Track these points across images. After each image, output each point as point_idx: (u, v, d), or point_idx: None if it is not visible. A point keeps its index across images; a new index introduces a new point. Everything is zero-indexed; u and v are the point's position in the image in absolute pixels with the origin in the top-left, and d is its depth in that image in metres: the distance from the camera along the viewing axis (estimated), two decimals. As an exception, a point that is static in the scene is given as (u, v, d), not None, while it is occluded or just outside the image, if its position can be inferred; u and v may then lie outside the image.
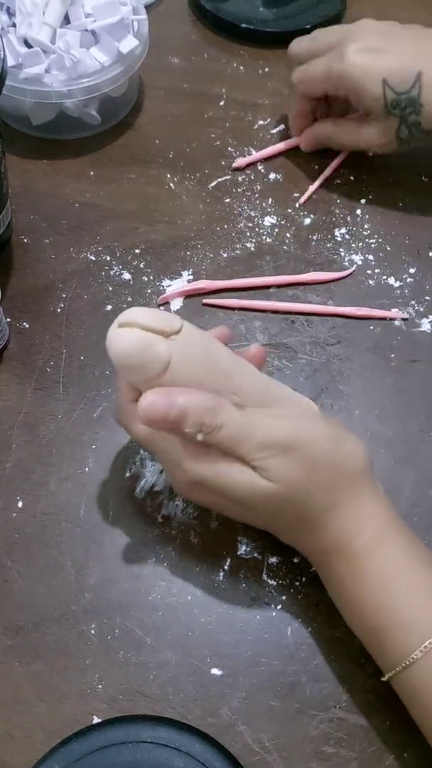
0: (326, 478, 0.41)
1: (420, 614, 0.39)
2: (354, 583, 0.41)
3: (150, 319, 0.40)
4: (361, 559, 0.41)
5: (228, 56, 0.74)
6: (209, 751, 0.40)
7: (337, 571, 0.42)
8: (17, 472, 0.50)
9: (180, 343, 0.41)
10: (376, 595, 0.40)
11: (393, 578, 0.40)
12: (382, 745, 0.42)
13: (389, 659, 0.40)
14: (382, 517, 0.42)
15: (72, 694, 0.44)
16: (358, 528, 0.41)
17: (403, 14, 0.77)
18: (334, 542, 0.42)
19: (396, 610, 0.39)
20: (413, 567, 0.41)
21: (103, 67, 0.62)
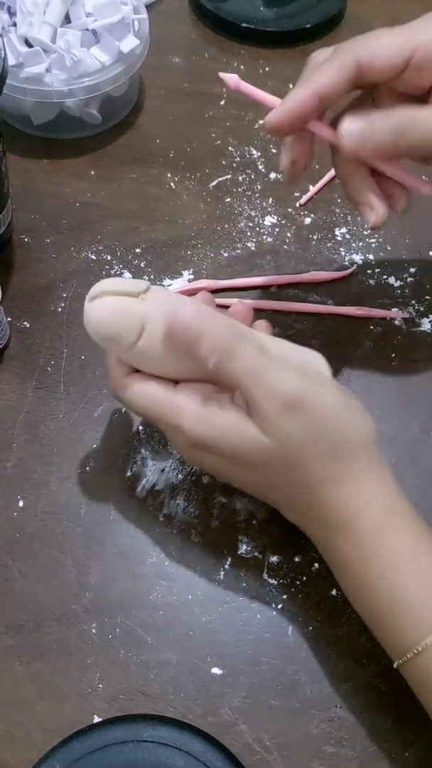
0: (329, 446, 0.40)
1: (428, 603, 0.38)
2: (361, 564, 0.39)
3: (117, 284, 0.42)
4: (368, 538, 0.39)
5: (228, 56, 0.74)
6: (210, 750, 0.40)
7: (343, 550, 0.40)
8: (18, 471, 0.51)
9: (151, 301, 0.42)
10: (385, 577, 0.39)
11: (403, 560, 0.39)
12: (383, 745, 0.42)
13: (400, 645, 0.38)
14: (389, 495, 0.40)
15: (73, 693, 0.44)
16: (364, 505, 0.40)
17: (403, 12, 0.78)
18: (338, 519, 0.40)
19: (407, 593, 0.38)
20: (422, 548, 0.39)
21: (104, 67, 0.62)
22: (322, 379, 0.42)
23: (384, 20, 0.77)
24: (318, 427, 0.39)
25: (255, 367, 0.39)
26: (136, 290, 0.42)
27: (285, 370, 0.39)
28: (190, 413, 0.40)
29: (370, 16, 0.77)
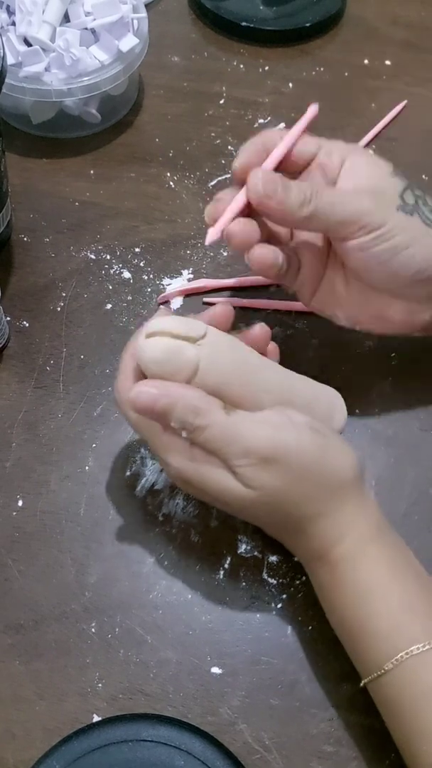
0: (308, 489, 0.41)
1: (395, 625, 0.39)
2: (333, 590, 0.41)
3: (176, 326, 0.42)
4: (339, 566, 0.41)
5: (228, 55, 0.73)
6: (209, 749, 0.40)
7: (318, 576, 0.42)
8: (17, 470, 0.51)
9: (206, 347, 0.42)
10: (353, 603, 0.40)
11: (371, 588, 0.40)
12: (382, 744, 0.42)
13: (364, 667, 0.40)
14: (365, 526, 0.42)
15: (72, 692, 0.44)
16: (339, 536, 0.41)
17: (402, 11, 0.78)
18: (316, 549, 0.42)
19: (372, 619, 0.39)
20: (394, 578, 0.40)
21: (103, 66, 0.62)
22: (296, 426, 0.41)
23: (384, 19, 0.77)
24: (296, 475, 0.40)
25: (224, 434, 0.40)
26: (193, 335, 0.42)
27: (254, 429, 0.40)
28: (177, 452, 0.41)
29: (370, 15, 0.77)
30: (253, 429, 0.40)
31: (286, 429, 0.41)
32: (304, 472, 0.40)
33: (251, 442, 0.40)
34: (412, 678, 0.38)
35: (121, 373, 0.44)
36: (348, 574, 0.41)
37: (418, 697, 0.38)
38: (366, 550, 0.41)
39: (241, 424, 0.40)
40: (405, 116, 0.70)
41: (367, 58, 0.74)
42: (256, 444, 0.40)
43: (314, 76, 0.72)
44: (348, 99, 0.71)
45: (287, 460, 0.40)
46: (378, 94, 0.71)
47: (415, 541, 0.48)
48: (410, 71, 0.73)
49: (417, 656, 0.38)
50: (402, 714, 0.38)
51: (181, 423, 0.40)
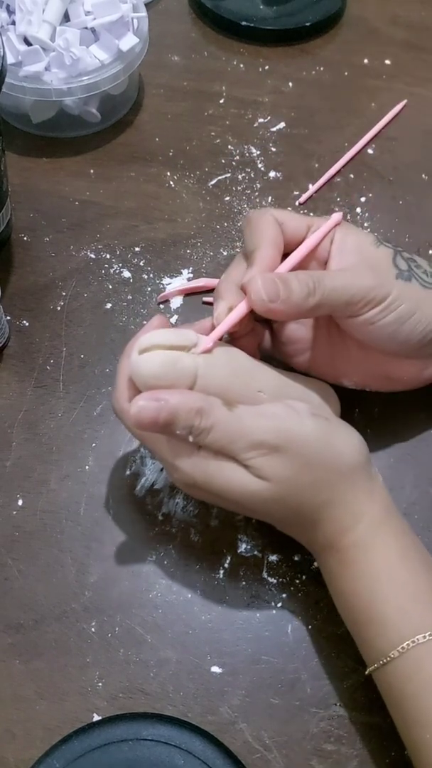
0: (318, 476, 0.41)
1: (402, 613, 0.39)
2: (343, 577, 0.41)
3: (168, 337, 0.42)
4: (350, 553, 0.41)
5: (228, 54, 0.73)
6: (209, 748, 0.40)
7: (329, 564, 0.42)
8: (17, 470, 0.51)
9: (201, 354, 0.42)
10: (362, 590, 0.40)
11: (380, 575, 0.40)
12: (383, 743, 0.42)
13: (370, 655, 0.40)
14: (376, 512, 0.42)
15: (72, 691, 0.44)
16: (351, 522, 0.41)
17: (402, 10, 0.78)
18: (326, 537, 0.42)
19: (380, 607, 0.40)
20: (403, 565, 0.41)
21: (103, 65, 0.62)
22: (297, 413, 0.42)
23: (384, 19, 0.77)
24: (303, 462, 0.40)
25: (229, 431, 0.40)
26: (186, 344, 0.42)
27: (258, 420, 0.40)
28: (185, 457, 0.41)
29: (370, 15, 0.77)
30: (257, 421, 0.40)
31: (288, 417, 0.41)
32: (312, 457, 0.41)
33: (257, 434, 0.40)
34: (417, 667, 0.38)
35: (119, 380, 0.44)
36: (359, 560, 0.41)
37: (423, 686, 0.38)
38: (377, 536, 0.41)
39: (244, 418, 0.40)
40: (405, 116, 0.70)
41: (367, 57, 0.74)
42: (263, 435, 0.40)
43: (314, 76, 0.72)
44: (348, 99, 0.71)
45: (295, 446, 0.40)
46: (378, 93, 0.71)
47: (415, 541, 0.48)
48: (410, 71, 0.73)
49: (423, 645, 0.38)
50: (406, 702, 0.38)
51: (187, 428, 0.39)
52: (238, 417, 0.40)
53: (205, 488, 0.41)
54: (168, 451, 0.41)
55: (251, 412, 0.41)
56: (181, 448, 0.41)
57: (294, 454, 0.40)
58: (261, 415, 0.41)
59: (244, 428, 0.40)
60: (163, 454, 0.42)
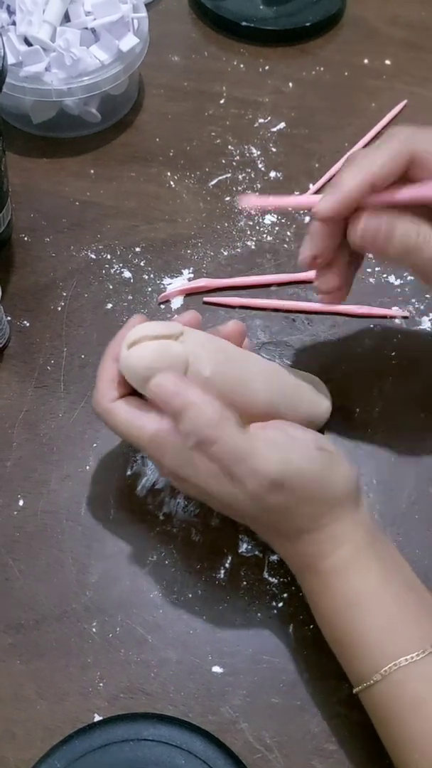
0: (310, 508, 0.41)
1: (384, 636, 0.39)
2: (324, 599, 0.41)
3: (154, 328, 0.42)
4: (330, 578, 0.41)
5: (228, 54, 0.73)
6: (210, 748, 0.40)
7: (309, 584, 0.42)
8: (18, 470, 0.51)
9: (189, 343, 0.42)
10: (342, 614, 0.40)
11: (360, 599, 0.40)
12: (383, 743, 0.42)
13: (354, 676, 0.40)
14: (359, 537, 0.41)
15: (73, 692, 0.44)
16: (332, 549, 0.41)
17: (403, 11, 0.78)
18: (308, 559, 0.42)
19: (362, 629, 0.39)
20: (385, 588, 0.40)
21: (104, 66, 0.62)
22: (305, 446, 0.41)
23: (384, 19, 0.77)
24: (299, 497, 0.40)
25: (234, 451, 0.39)
26: (173, 332, 0.42)
27: (265, 451, 0.40)
28: (173, 454, 0.40)
29: (370, 15, 0.77)
30: (264, 450, 0.40)
31: (295, 451, 0.40)
32: (309, 494, 0.40)
33: (261, 464, 0.39)
34: (401, 689, 0.38)
35: (101, 379, 0.43)
36: (339, 584, 0.41)
37: (407, 707, 0.38)
38: (358, 561, 0.41)
39: (251, 442, 0.40)
40: (405, 116, 0.70)
41: (367, 57, 0.74)
42: (266, 467, 0.39)
43: (314, 76, 0.72)
44: (348, 99, 0.71)
45: (295, 484, 0.40)
46: (378, 93, 0.71)
47: (415, 541, 0.49)
48: (410, 71, 0.73)
49: (405, 667, 0.38)
50: (391, 723, 0.38)
51: (191, 429, 0.39)
52: (246, 440, 0.40)
53: (192, 480, 0.41)
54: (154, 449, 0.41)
55: (260, 438, 0.40)
56: (169, 445, 0.40)
57: (291, 491, 0.40)
58: (269, 443, 0.40)
59: (249, 454, 0.39)
60: (148, 452, 0.42)
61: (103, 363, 0.44)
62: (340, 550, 0.41)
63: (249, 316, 0.57)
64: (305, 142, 0.67)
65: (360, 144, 0.67)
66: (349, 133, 0.68)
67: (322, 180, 0.64)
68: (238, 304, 0.58)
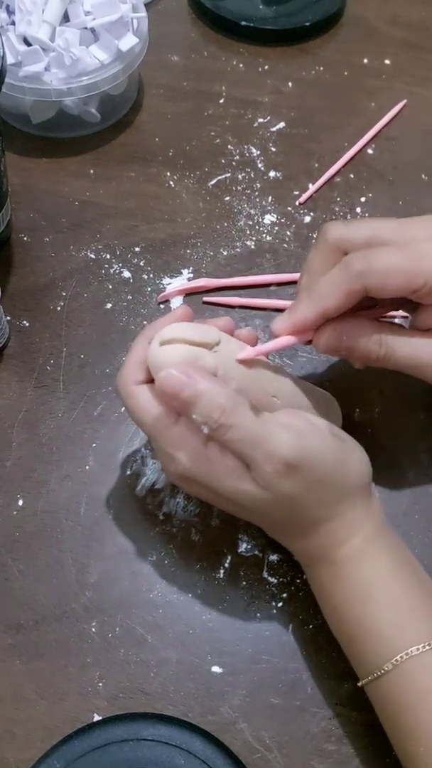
0: (324, 494, 0.41)
1: (395, 625, 0.39)
2: (334, 590, 0.41)
3: (191, 333, 0.41)
4: (342, 567, 0.41)
5: (228, 54, 0.73)
6: (210, 748, 0.40)
7: (320, 576, 0.42)
8: (18, 470, 0.50)
9: (222, 354, 0.41)
10: (355, 602, 0.40)
11: (372, 588, 0.40)
12: (383, 743, 0.42)
13: (362, 668, 0.40)
14: (371, 527, 0.41)
15: (73, 692, 0.44)
16: (346, 537, 0.41)
17: (403, 10, 0.78)
18: (320, 549, 0.42)
19: (373, 619, 0.39)
20: (396, 578, 0.40)
21: (103, 65, 0.62)
22: (320, 431, 0.41)
23: (384, 19, 0.77)
24: (315, 483, 0.40)
25: (250, 436, 0.39)
26: (209, 341, 0.41)
27: (281, 434, 0.39)
28: (187, 448, 0.40)
29: (370, 15, 0.77)
30: (280, 433, 0.39)
31: (310, 435, 0.40)
32: (324, 479, 0.40)
33: (277, 447, 0.39)
34: (411, 679, 0.38)
35: (130, 360, 0.43)
36: (351, 574, 0.41)
37: (416, 698, 0.38)
38: (370, 550, 0.41)
39: (267, 426, 0.39)
40: (405, 116, 0.70)
41: (367, 57, 0.74)
42: (282, 450, 0.39)
43: (314, 76, 0.72)
44: (348, 98, 0.71)
45: (311, 466, 0.40)
46: (378, 93, 0.71)
47: (415, 541, 0.49)
48: (410, 71, 0.73)
49: (416, 657, 0.38)
50: (399, 715, 0.38)
51: (205, 417, 0.38)
52: (260, 424, 0.39)
53: (205, 481, 0.40)
54: (169, 441, 0.40)
55: (275, 421, 0.40)
56: (186, 439, 0.40)
57: (307, 474, 0.40)
58: (284, 426, 0.40)
59: (265, 437, 0.39)
60: (163, 443, 0.41)
61: (135, 344, 0.43)
62: (354, 539, 0.41)
63: (249, 316, 0.57)
64: (305, 142, 0.67)
65: (360, 144, 0.67)
66: (349, 132, 0.68)
67: (321, 180, 0.64)
68: (237, 304, 0.58)
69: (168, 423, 0.40)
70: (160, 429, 0.41)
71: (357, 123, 0.68)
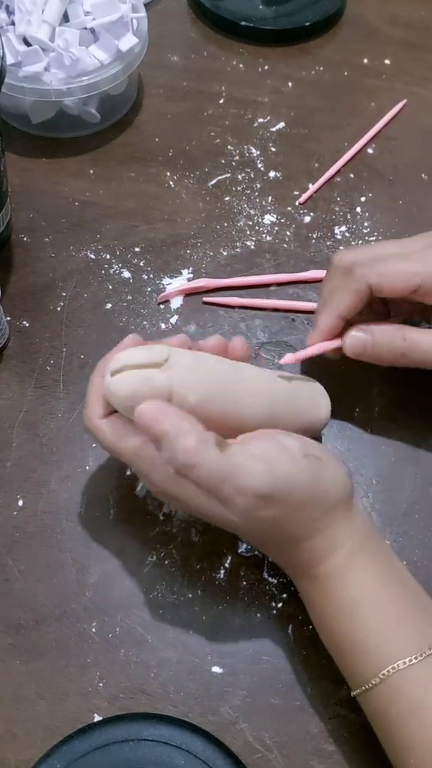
0: (303, 515, 0.40)
1: (382, 639, 0.39)
2: (321, 603, 0.41)
3: (137, 356, 0.41)
4: (327, 581, 0.41)
5: (227, 54, 0.73)
6: (210, 749, 0.40)
7: (306, 589, 0.42)
8: (18, 470, 0.51)
9: (174, 368, 0.41)
10: (340, 616, 0.40)
11: (358, 601, 0.40)
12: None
13: (352, 680, 0.40)
14: (355, 540, 0.41)
15: (73, 692, 0.44)
16: (329, 552, 0.41)
17: (403, 10, 0.78)
18: (303, 564, 0.42)
19: (360, 633, 0.39)
20: (382, 590, 0.40)
21: (103, 66, 0.62)
22: (291, 456, 0.41)
23: (384, 19, 0.77)
24: (291, 506, 0.40)
25: (215, 472, 0.39)
26: (157, 360, 0.41)
27: (251, 466, 0.39)
28: (161, 472, 0.40)
29: (370, 15, 0.77)
30: (248, 466, 0.39)
31: (281, 462, 0.40)
32: (301, 501, 0.40)
33: (246, 480, 0.39)
34: (398, 692, 0.38)
35: (90, 396, 0.43)
36: (335, 589, 0.40)
37: (405, 711, 0.38)
38: (353, 563, 0.41)
39: (234, 460, 0.39)
40: (404, 115, 0.70)
41: (367, 57, 0.74)
42: (252, 482, 0.39)
43: (314, 76, 0.72)
44: (348, 98, 0.71)
45: (285, 495, 0.39)
46: (378, 93, 0.71)
47: (415, 541, 0.49)
48: (410, 71, 0.73)
49: (403, 671, 0.38)
50: (389, 727, 0.38)
51: (169, 459, 0.39)
52: (227, 459, 0.39)
53: (184, 499, 0.40)
54: (142, 467, 0.41)
55: (242, 454, 0.39)
56: (158, 463, 0.40)
57: (283, 500, 0.39)
58: (252, 458, 0.39)
59: (232, 473, 0.39)
60: (136, 468, 0.42)
61: (93, 380, 0.44)
62: (336, 554, 0.41)
63: (249, 316, 0.57)
64: (305, 142, 0.67)
65: (360, 144, 0.67)
66: (349, 132, 0.68)
67: (321, 180, 0.64)
68: (237, 304, 0.58)
69: (137, 450, 0.41)
70: (130, 456, 0.41)
71: (357, 123, 0.68)
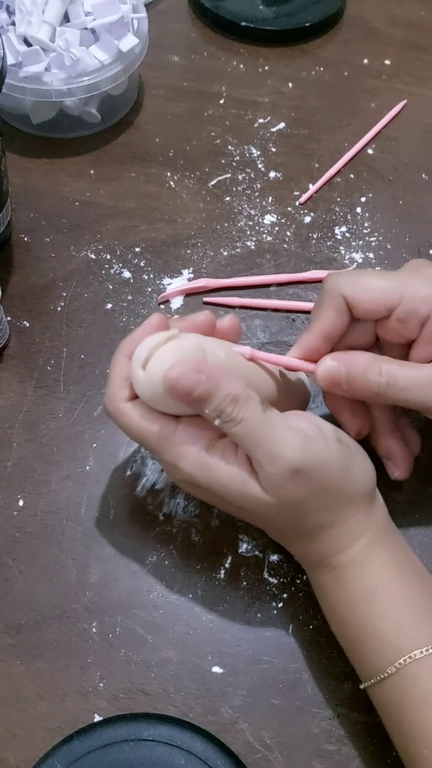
0: (327, 501, 0.40)
1: (398, 629, 0.39)
2: (336, 594, 0.41)
3: (157, 337, 0.41)
4: (345, 571, 0.41)
5: (228, 54, 0.73)
6: (210, 749, 0.40)
7: (323, 580, 0.42)
8: (18, 470, 0.51)
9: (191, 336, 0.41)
10: (358, 606, 0.40)
11: (376, 591, 0.40)
12: (383, 743, 0.42)
13: (365, 671, 0.40)
14: (374, 531, 0.41)
15: (73, 692, 0.44)
16: (348, 543, 0.41)
17: (403, 10, 0.78)
18: (321, 554, 0.42)
19: (376, 623, 0.39)
20: (399, 580, 0.40)
21: (103, 66, 0.62)
22: (325, 437, 0.41)
23: (383, 19, 0.77)
24: (319, 489, 0.40)
25: (258, 432, 0.38)
26: (175, 334, 0.41)
27: (288, 437, 0.39)
28: (190, 458, 0.40)
29: (370, 15, 0.77)
30: (286, 435, 0.39)
31: (317, 441, 0.40)
32: (328, 485, 0.40)
33: (282, 449, 0.39)
34: (414, 682, 0.38)
35: (114, 378, 0.42)
36: (354, 578, 0.40)
37: (420, 701, 0.38)
38: (373, 553, 0.41)
39: (274, 425, 0.39)
40: (405, 115, 0.70)
41: (367, 57, 0.74)
42: (287, 453, 0.39)
43: (314, 76, 0.72)
44: (348, 99, 0.71)
45: (314, 474, 0.39)
46: (378, 93, 0.71)
47: (415, 541, 0.49)
48: (410, 71, 0.73)
49: (419, 660, 0.38)
50: (402, 718, 0.38)
51: (218, 411, 0.38)
52: (268, 422, 0.39)
53: (209, 487, 0.40)
54: (178, 444, 0.40)
55: (282, 422, 0.40)
56: (187, 448, 0.40)
57: (311, 480, 0.39)
58: (291, 429, 0.39)
59: (270, 437, 0.39)
60: (165, 454, 0.41)
61: (115, 360, 0.43)
62: (356, 545, 0.41)
63: (249, 316, 0.57)
64: (305, 142, 0.67)
65: (360, 144, 0.67)
66: (349, 133, 0.68)
67: (321, 180, 0.64)
68: (237, 304, 0.58)
69: (167, 434, 0.40)
70: (160, 442, 0.41)
71: (357, 123, 0.68)
